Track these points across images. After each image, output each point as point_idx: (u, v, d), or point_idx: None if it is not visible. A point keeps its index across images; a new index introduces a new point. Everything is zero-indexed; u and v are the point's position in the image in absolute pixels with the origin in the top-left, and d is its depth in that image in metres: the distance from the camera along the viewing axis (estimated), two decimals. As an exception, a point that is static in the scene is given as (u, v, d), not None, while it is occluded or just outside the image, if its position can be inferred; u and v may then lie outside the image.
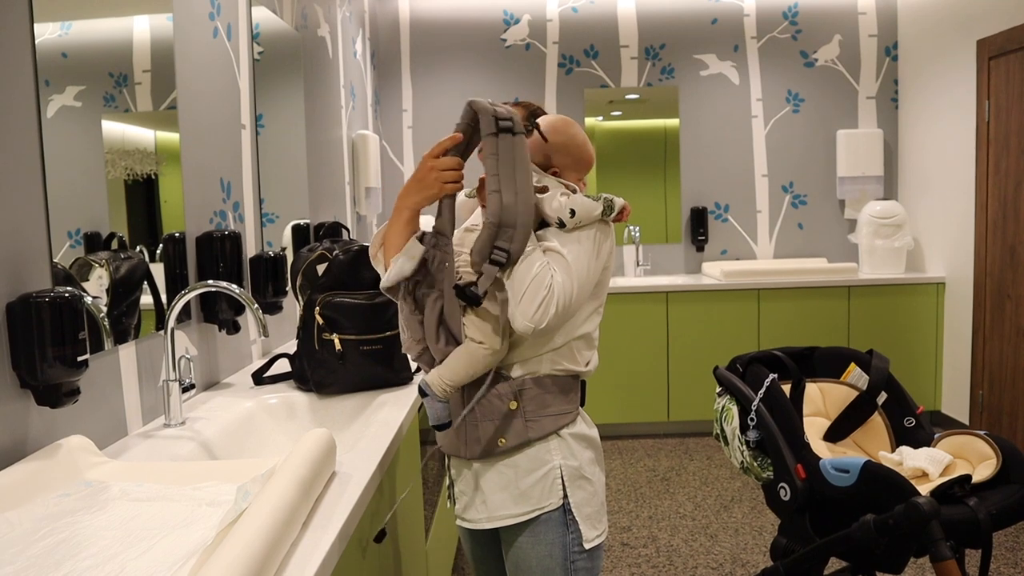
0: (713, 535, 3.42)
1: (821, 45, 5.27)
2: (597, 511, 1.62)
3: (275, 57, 2.93)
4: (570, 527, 1.58)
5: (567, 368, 1.59)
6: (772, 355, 2.22)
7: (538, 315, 1.42)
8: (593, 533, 1.60)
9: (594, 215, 1.52)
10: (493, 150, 1.44)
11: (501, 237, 1.43)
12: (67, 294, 1.35)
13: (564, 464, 1.58)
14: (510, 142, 1.44)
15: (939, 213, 4.81)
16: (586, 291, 1.52)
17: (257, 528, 1.00)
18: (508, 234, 1.43)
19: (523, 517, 1.58)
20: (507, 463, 1.58)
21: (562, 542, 1.57)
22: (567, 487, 1.57)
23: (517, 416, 1.55)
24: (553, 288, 1.44)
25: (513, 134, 1.45)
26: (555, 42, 5.28)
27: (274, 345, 2.78)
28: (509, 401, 1.55)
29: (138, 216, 1.91)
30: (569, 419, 1.60)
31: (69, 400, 1.39)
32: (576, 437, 1.61)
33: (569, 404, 1.60)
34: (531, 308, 1.42)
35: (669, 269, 5.39)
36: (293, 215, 3.11)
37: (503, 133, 1.44)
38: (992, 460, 1.95)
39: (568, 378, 1.60)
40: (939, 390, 4.82)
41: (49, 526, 1.15)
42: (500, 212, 1.42)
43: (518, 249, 1.44)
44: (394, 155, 5.32)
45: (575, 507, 1.58)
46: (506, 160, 1.43)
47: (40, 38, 1.49)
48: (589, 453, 1.63)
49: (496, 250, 1.43)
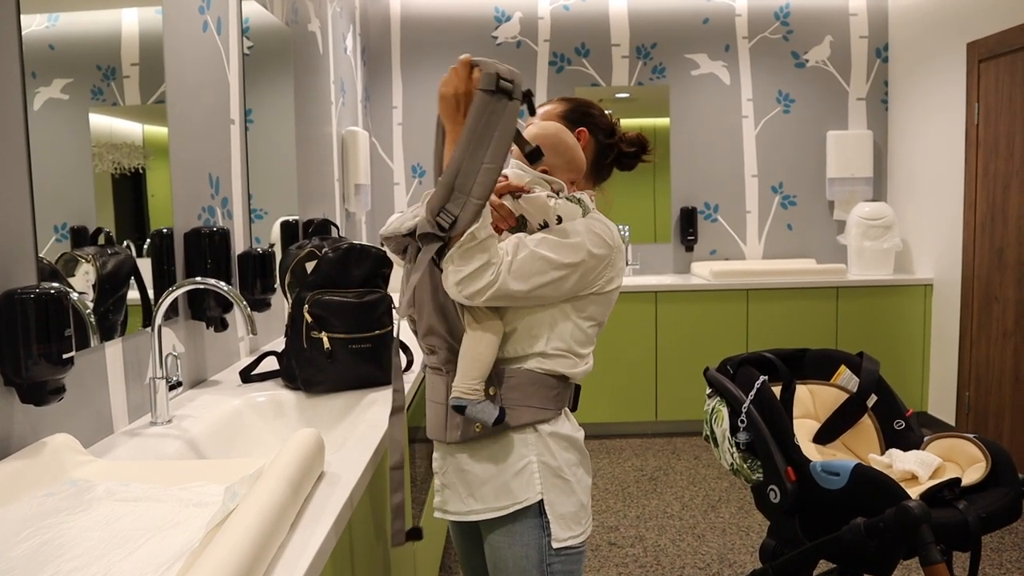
0: (700, 535, 3.42)
1: (812, 46, 5.28)
2: (574, 513, 1.58)
3: (265, 52, 2.91)
4: (545, 527, 1.55)
5: (553, 369, 1.56)
6: (762, 357, 2.22)
7: (466, 287, 1.40)
8: (566, 534, 1.56)
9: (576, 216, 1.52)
10: (480, 107, 1.38)
11: (453, 201, 1.38)
12: (53, 290, 1.33)
13: (540, 460, 1.55)
14: (501, 106, 1.38)
15: (928, 215, 4.83)
16: (553, 291, 1.49)
17: (245, 529, 0.99)
18: (460, 201, 1.37)
19: (501, 512, 1.56)
20: (486, 455, 1.57)
21: (537, 544, 1.55)
22: (542, 484, 1.55)
23: (495, 401, 1.53)
24: (495, 266, 1.41)
25: (509, 99, 1.39)
26: (546, 40, 5.27)
27: (262, 342, 2.76)
28: (488, 386, 1.53)
29: (125, 210, 1.89)
30: (548, 416, 1.56)
31: (54, 398, 1.37)
32: (556, 436, 1.57)
33: (550, 402, 1.57)
34: (461, 275, 1.40)
35: (658, 269, 5.39)
36: (282, 211, 3.08)
37: (499, 94, 1.38)
38: (981, 463, 1.95)
39: (552, 377, 1.57)
40: (926, 391, 4.84)
41: (33, 526, 1.13)
42: (455, 175, 1.37)
43: (467, 219, 1.38)
44: (384, 152, 5.29)
45: (549, 505, 1.55)
46: (488, 123, 1.38)
47: (27, 30, 1.47)
48: (570, 455, 1.59)
49: (444, 212, 1.38)
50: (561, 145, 1.63)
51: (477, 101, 1.39)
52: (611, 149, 1.75)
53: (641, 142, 1.77)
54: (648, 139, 1.78)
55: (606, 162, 1.77)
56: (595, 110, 1.76)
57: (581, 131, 1.70)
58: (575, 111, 1.73)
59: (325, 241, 2.35)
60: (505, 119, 1.39)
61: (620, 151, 1.75)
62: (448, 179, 1.38)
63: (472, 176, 1.37)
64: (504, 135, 1.39)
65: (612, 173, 1.81)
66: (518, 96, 1.41)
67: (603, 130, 1.74)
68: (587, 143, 1.72)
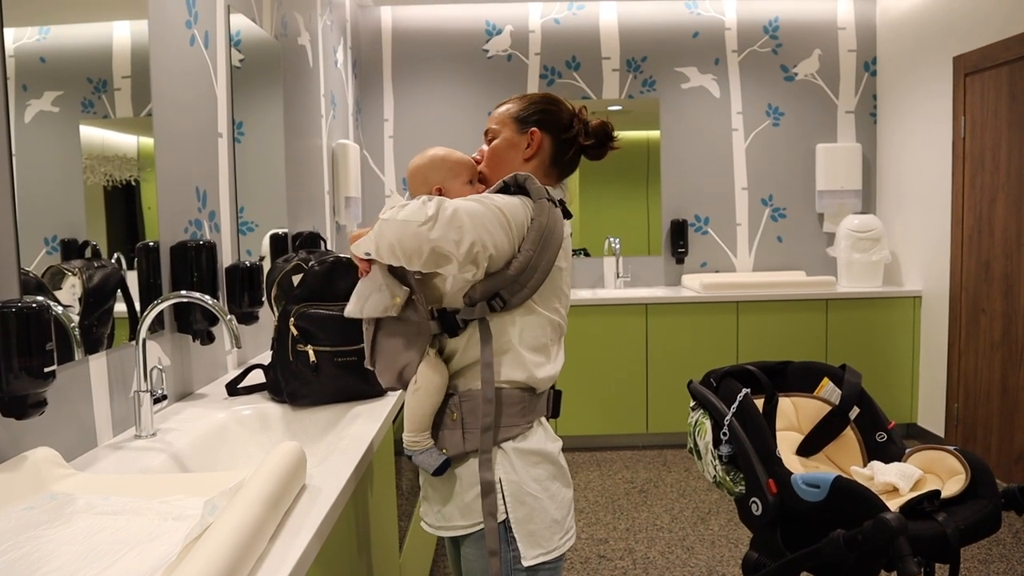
0: (690, 547, 3.43)
1: (801, 59, 5.32)
2: (544, 529, 1.56)
3: (255, 65, 2.92)
4: (511, 544, 1.55)
5: (512, 380, 1.56)
6: (745, 370, 2.23)
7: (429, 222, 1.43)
8: (534, 552, 1.55)
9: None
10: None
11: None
12: (34, 304, 1.34)
13: (505, 479, 1.55)
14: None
15: (916, 227, 4.86)
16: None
17: (221, 542, 1.00)
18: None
19: (469, 529, 1.58)
20: (453, 475, 1.59)
21: (503, 558, 1.55)
22: (508, 503, 1.54)
23: (456, 427, 1.56)
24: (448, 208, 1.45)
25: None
26: (537, 53, 5.30)
27: (249, 355, 2.77)
28: (453, 412, 1.57)
29: (118, 223, 1.90)
30: (515, 432, 1.56)
31: (35, 412, 1.37)
32: (522, 452, 1.57)
33: (517, 417, 1.56)
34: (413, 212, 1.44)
35: (649, 281, 5.41)
36: (272, 224, 3.10)
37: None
38: (961, 475, 1.96)
39: (515, 391, 1.56)
40: (915, 403, 4.86)
41: (10, 540, 1.14)
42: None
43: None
44: (375, 164, 5.31)
45: (516, 523, 1.54)
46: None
47: (17, 43, 1.48)
48: (540, 469, 1.58)
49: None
50: (423, 169, 1.66)
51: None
52: (570, 144, 1.70)
53: (600, 132, 1.70)
54: (611, 124, 1.71)
55: (566, 158, 1.71)
56: (552, 106, 1.70)
57: (532, 131, 1.66)
58: (527, 109, 1.69)
59: (312, 254, 2.35)
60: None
61: (580, 144, 1.71)
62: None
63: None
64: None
65: (578, 165, 1.76)
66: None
67: (560, 126, 1.69)
68: (539, 142, 1.67)
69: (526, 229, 1.52)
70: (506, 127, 1.69)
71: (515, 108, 1.70)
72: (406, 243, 1.43)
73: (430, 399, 1.56)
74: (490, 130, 1.72)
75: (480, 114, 5.29)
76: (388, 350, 1.60)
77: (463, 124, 5.29)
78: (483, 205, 1.47)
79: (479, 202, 1.48)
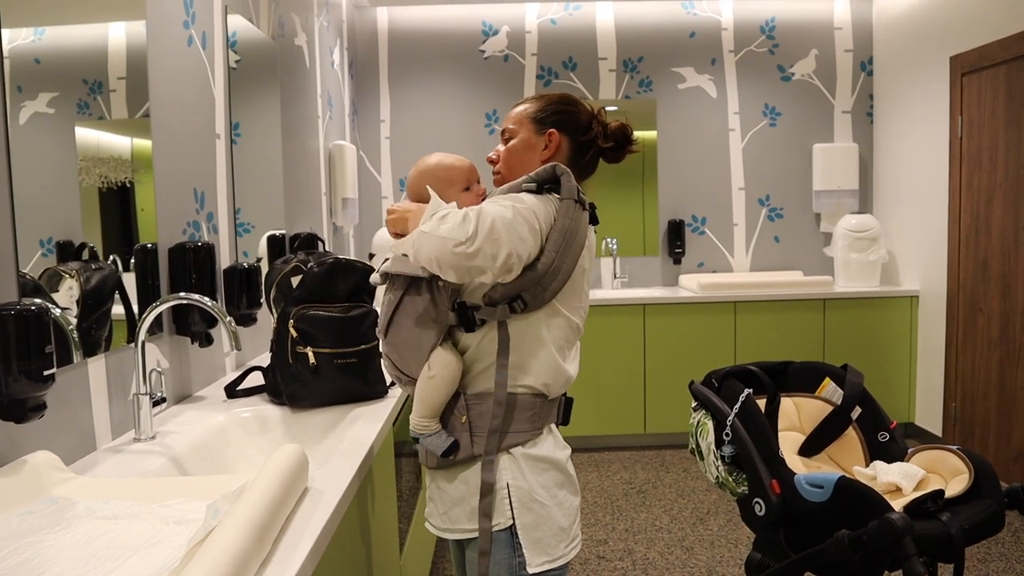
0: (689, 548, 3.42)
1: (798, 59, 5.32)
2: (551, 536, 1.55)
3: (252, 66, 2.91)
4: (516, 550, 1.54)
5: (527, 385, 1.55)
6: (747, 370, 2.22)
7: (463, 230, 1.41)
8: (540, 559, 1.54)
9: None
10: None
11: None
12: (33, 307, 1.33)
13: (513, 484, 1.54)
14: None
15: (913, 227, 4.86)
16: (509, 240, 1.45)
17: (225, 547, 0.98)
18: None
19: (474, 533, 1.57)
20: (461, 478, 1.58)
21: (508, 563, 1.54)
22: (515, 508, 1.54)
23: (465, 430, 1.55)
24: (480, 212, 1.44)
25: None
26: (533, 54, 5.29)
27: (248, 357, 2.75)
28: (461, 415, 1.56)
29: (113, 224, 1.88)
30: (523, 439, 1.55)
31: (35, 415, 1.36)
32: (531, 458, 1.56)
33: (527, 423, 1.55)
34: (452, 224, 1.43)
35: (646, 281, 5.40)
36: (269, 225, 3.08)
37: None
38: (965, 475, 1.96)
39: (528, 396, 1.56)
40: (913, 402, 4.86)
41: (11, 545, 1.13)
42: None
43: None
44: (371, 165, 5.29)
45: (522, 529, 1.53)
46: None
47: (13, 43, 1.47)
48: (548, 476, 1.57)
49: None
50: (418, 182, 1.65)
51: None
52: (588, 146, 1.69)
53: (619, 135, 1.69)
54: (630, 127, 1.71)
55: (584, 160, 1.70)
56: (571, 106, 1.69)
57: (551, 133, 1.65)
58: (545, 110, 1.68)
59: (311, 255, 2.34)
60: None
61: (599, 147, 1.70)
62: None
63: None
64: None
65: (597, 167, 1.76)
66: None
67: (579, 127, 1.68)
68: (557, 143, 1.66)
69: (550, 229, 1.51)
70: (523, 127, 1.68)
71: (533, 108, 1.69)
72: (444, 260, 1.42)
73: (445, 388, 1.54)
74: (507, 130, 1.70)
75: (477, 115, 5.28)
76: (404, 327, 1.58)
77: (460, 125, 5.28)
78: (514, 211, 1.45)
79: (512, 208, 1.46)
